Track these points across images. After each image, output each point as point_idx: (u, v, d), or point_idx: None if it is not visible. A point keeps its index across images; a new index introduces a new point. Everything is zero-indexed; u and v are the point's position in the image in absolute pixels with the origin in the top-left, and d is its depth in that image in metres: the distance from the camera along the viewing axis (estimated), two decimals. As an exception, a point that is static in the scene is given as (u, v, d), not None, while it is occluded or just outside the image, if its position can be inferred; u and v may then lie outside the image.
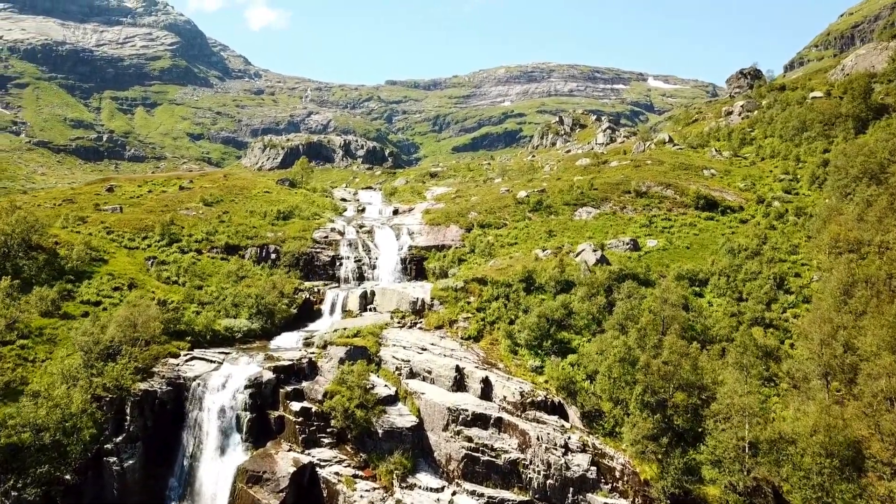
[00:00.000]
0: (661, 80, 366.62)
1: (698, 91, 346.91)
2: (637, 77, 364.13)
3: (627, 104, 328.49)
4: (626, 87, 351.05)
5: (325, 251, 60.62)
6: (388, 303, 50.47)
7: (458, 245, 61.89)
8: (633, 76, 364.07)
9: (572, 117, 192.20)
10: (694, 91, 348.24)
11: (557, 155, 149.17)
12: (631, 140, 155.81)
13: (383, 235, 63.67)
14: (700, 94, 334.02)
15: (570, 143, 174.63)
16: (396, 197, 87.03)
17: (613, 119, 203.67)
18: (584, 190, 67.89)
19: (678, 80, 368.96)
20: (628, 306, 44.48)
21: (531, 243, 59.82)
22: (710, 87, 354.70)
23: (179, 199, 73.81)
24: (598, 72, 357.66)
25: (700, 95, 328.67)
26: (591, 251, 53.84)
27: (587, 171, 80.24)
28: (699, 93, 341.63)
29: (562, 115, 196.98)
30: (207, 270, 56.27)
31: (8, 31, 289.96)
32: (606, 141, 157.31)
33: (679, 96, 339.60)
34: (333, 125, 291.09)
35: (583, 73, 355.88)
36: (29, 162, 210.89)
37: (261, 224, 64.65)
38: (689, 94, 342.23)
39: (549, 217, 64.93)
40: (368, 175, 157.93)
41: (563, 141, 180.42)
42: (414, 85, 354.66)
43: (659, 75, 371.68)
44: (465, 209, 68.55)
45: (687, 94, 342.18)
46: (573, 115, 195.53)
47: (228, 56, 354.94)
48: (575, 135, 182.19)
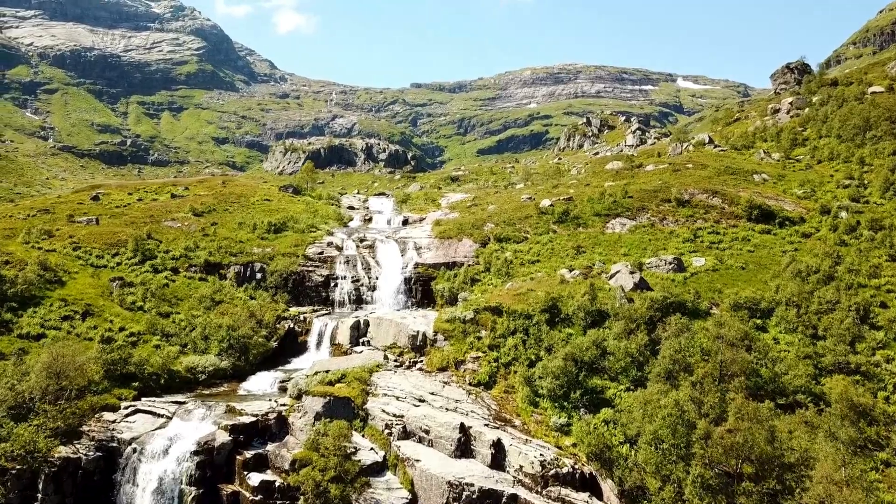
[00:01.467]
0: (691, 80, 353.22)
1: (729, 91, 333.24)
2: (666, 77, 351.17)
3: (656, 105, 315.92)
4: (654, 87, 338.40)
5: (318, 270, 51.75)
6: (383, 336, 41.39)
7: (471, 262, 52.63)
8: (662, 77, 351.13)
9: (600, 118, 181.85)
10: (724, 91, 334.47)
11: (585, 157, 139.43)
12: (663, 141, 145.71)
13: (386, 251, 54.62)
14: (731, 95, 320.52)
15: (598, 144, 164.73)
16: (409, 204, 77.99)
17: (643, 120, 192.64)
18: (618, 198, 58.17)
19: (708, 81, 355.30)
20: (676, 346, 34.82)
21: (556, 261, 50.34)
22: (741, 88, 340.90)
23: (168, 208, 65.61)
24: (625, 73, 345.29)
25: (731, 96, 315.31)
26: (628, 273, 44.20)
27: (619, 175, 70.42)
28: (730, 93, 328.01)
29: (589, 117, 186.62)
30: (180, 293, 47.69)
31: (38, 37, 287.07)
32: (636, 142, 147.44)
33: (709, 97, 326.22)
34: (358, 128, 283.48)
35: (610, 74, 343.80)
36: (52, 167, 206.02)
37: (248, 238, 56.01)
38: (719, 94, 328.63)
39: (577, 230, 55.35)
40: (388, 179, 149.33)
41: (590, 143, 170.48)
42: (439, 88, 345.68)
43: (688, 75, 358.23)
44: (480, 220, 59.24)
45: (717, 94, 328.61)
46: (601, 116, 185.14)
47: (254, 60, 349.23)
48: (603, 136, 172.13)
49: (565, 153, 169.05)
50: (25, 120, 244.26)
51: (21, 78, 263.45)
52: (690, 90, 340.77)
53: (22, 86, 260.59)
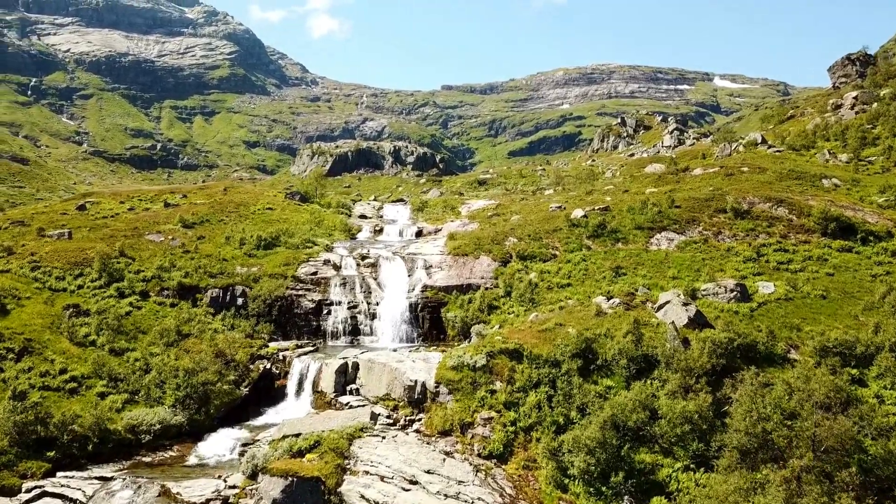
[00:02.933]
0: (728, 79, 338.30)
1: (768, 90, 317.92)
2: (702, 77, 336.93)
3: (692, 105, 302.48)
4: (690, 87, 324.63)
5: (309, 294, 43.31)
6: (375, 383, 32.74)
7: (489, 285, 43.75)
8: (698, 76, 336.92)
9: (635, 118, 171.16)
10: (763, 90, 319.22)
11: (620, 159, 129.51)
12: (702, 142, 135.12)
13: (391, 270, 45.95)
14: (770, 94, 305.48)
15: (634, 146, 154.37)
16: (425, 213, 69.30)
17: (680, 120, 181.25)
18: (663, 208, 48.67)
19: (746, 79, 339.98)
20: (754, 416, 25.57)
21: (590, 285, 41.17)
22: (780, 86, 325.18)
23: (157, 219, 57.96)
24: (660, 72, 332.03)
25: (770, 94, 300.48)
26: (680, 305, 34.88)
27: (662, 181, 60.80)
28: (769, 91, 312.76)
29: (624, 117, 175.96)
30: (144, 324, 39.66)
31: (75, 44, 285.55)
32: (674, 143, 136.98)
33: (747, 96, 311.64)
34: (388, 131, 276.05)
35: (644, 74, 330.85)
36: (82, 171, 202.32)
37: (234, 255, 47.84)
38: (758, 93, 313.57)
39: (616, 246, 46.04)
40: (413, 183, 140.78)
41: (625, 144, 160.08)
42: (470, 89, 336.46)
43: (725, 74, 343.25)
44: (501, 233, 50.23)
45: (756, 93, 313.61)
46: (636, 115, 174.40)
47: (286, 64, 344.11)
48: (639, 137, 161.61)
49: (599, 154, 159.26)
50: (61, 125, 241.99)
51: (58, 84, 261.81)
52: (728, 89, 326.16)
53: (58, 91, 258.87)
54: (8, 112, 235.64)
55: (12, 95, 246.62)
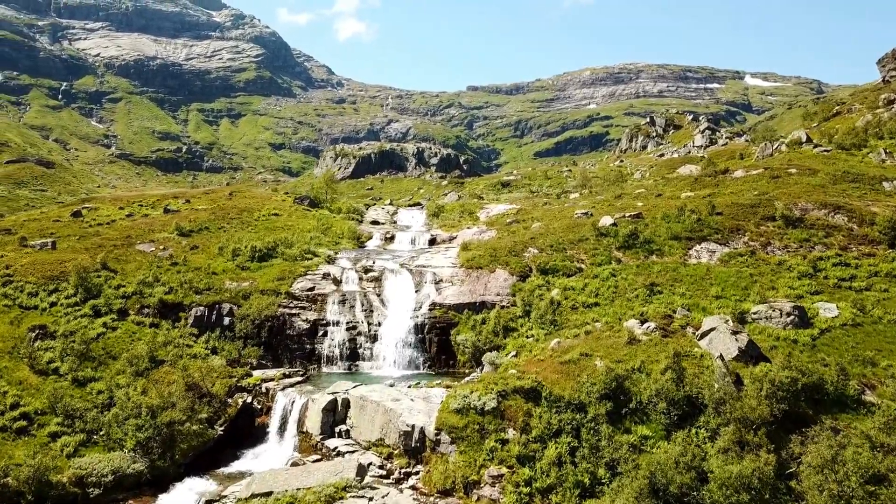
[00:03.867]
0: (760, 77, 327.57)
1: (801, 88, 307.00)
2: (733, 75, 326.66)
3: (722, 104, 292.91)
4: (720, 86, 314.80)
5: (304, 313, 38.30)
6: (367, 425, 27.57)
7: (505, 303, 38.35)
8: (729, 74, 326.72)
9: (665, 117, 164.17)
10: (796, 88, 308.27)
11: (649, 159, 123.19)
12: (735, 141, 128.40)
13: (396, 285, 40.74)
14: (803, 92, 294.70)
15: (663, 146, 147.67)
16: (441, 218, 63.96)
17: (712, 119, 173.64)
18: (702, 215, 42.77)
19: (778, 78, 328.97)
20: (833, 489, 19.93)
21: (621, 305, 35.54)
22: (814, 84, 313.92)
23: (152, 226, 53.57)
24: (689, 71, 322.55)
25: (803, 93, 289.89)
26: (728, 333, 29.15)
27: (699, 184, 54.73)
28: (802, 90, 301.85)
29: (653, 116, 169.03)
30: (117, 348, 34.96)
31: (105, 48, 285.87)
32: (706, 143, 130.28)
33: (780, 94, 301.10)
34: (413, 133, 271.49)
35: (673, 73, 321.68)
36: (108, 174, 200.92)
37: (225, 268, 43.03)
38: (790, 91, 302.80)
39: (650, 258, 40.30)
40: (435, 185, 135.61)
41: (654, 144, 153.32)
42: (496, 90, 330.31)
43: (757, 73, 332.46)
44: (521, 242, 44.71)
45: (788, 91, 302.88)
46: (666, 115, 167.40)
47: (312, 66, 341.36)
48: (668, 137, 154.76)
49: (627, 155, 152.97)
50: (90, 128, 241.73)
51: (88, 88, 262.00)
52: (759, 88, 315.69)
53: (88, 95, 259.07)
54: (39, 116, 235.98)
55: (44, 100, 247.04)
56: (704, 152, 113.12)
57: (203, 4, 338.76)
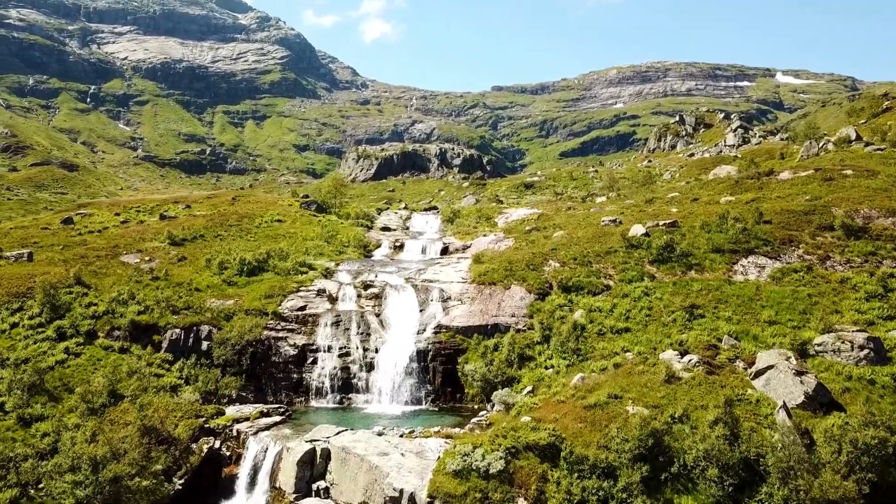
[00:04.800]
0: (792, 74, 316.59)
1: (835, 85, 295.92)
2: (764, 73, 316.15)
3: (753, 102, 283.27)
4: (751, 83, 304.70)
5: (291, 336, 33.43)
6: (349, 483, 22.57)
7: (521, 325, 33.07)
8: (760, 72, 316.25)
9: (695, 116, 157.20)
10: (830, 86, 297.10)
11: (679, 159, 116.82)
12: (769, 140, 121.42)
13: (399, 304, 35.65)
14: (837, 89, 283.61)
15: (693, 145, 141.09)
16: (456, 224, 58.71)
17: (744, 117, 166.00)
18: (748, 223, 37.01)
19: (811, 75, 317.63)
20: None
21: (656, 331, 30.05)
22: (848, 81, 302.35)
23: (144, 234, 49.24)
24: (719, 69, 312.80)
25: (837, 90, 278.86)
26: (791, 373, 23.58)
27: (740, 186, 48.79)
28: (836, 87, 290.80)
29: (682, 114, 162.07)
30: (76, 378, 30.38)
31: (133, 51, 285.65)
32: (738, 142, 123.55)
33: (812, 92, 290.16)
34: (437, 133, 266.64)
35: (702, 71, 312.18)
36: (132, 177, 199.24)
37: (211, 283, 38.34)
38: (823, 88, 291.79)
39: (688, 274, 34.69)
40: (456, 186, 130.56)
41: (684, 143, 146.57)
42: (521, 90, 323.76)
43: (789, 70, 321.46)
44: (540, 254, 39.33)
45: (822, 89, 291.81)
46: (696, 113, 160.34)
47: (336, 68, 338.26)
48: (698, 136, 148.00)
49: (655, 155, 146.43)
50: (117, 131, 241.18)
51: (115, 91, 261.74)
52: (791, 85, 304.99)
53: (116, 98, 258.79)
54: (68, 119, 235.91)
55: (73, 103, 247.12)
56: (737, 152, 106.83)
57: (229, 7, 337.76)
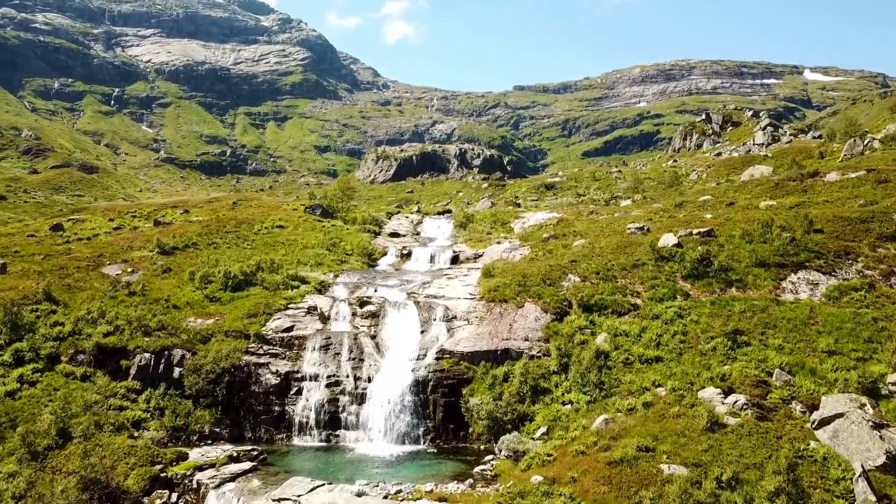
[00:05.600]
0: (820, 72, 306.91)
1: (864, 82, 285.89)
2: (791, 70, 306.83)
3: (780, 100, 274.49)
4: (778, 81, 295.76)
5: (274, 362, 29.27)
6: (320, 560, 18.41)
7: (535, 351, 28.57)
8: (787, 69, 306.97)
9: (722, 114, 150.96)
10: (859, 83, 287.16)
11: (706, 159, 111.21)
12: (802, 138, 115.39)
13: (398, 324, 31.31)
14: (867, 86, 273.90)
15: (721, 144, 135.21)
16: (469, 230, 54.26)
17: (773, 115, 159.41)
18: (796, 233, 32.09)
19: (839, 72, 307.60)
20: None
21: (692, 361, 25.36)
22: (878, 77, 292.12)
23: (132, 242, 45.53)
24: (745, 66, 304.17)
25: (867, 87, 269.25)
26: (867, 426, 18.82)
27: (781, 189, 43.71)
28: (866, 84, 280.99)
29: (709, 112, 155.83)
30: (27, 412, 26.39)
31: (156, 54, 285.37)
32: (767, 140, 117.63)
33: (842, 89, 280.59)
34: (458, 133, 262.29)
35: (728, 69, 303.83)
36: (153, 178, 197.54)
37: (191, 299, 34.33)
38: (853, 86, 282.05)
39: (728, 292, 29.88)
40: (475, 188, 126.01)
41: (710, 142, 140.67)
42: (542, 89, 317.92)
43: (817, 67, 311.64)
44: (558, 266, 34.71)
45: (851, 86, 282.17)
46: (723, 111, 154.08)
47: (358, 69, 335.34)
48: (726, 134, 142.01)
49: (681, 154, 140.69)
50: (140, 133, 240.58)
51: (139, 93, 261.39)
52: (819, 83, 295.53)
53: (139, 101, 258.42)
54: (92, 121, 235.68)
55: (97, 105, 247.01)
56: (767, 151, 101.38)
57: (252, 10, 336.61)
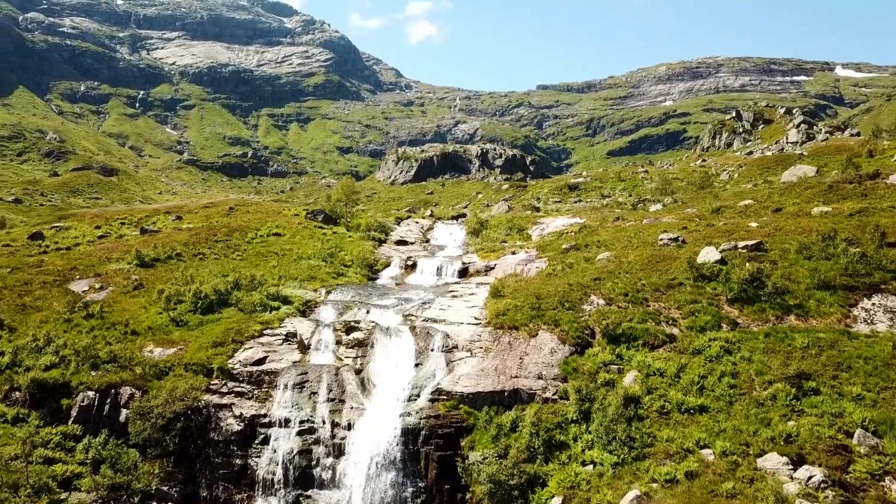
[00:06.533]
0: (852, 68, 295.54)
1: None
2: (822, 67, 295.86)
3: (810, 98, 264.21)
4: (808, 78, 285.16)
5: (239, 404, 24.37)
6: None
7: (550, 392, 23.25)
8: (818, 66, 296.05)
9: (753, 111, 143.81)
10: (893, 79, 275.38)
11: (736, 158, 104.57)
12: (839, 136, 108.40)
13: (389, 355, 26.18)
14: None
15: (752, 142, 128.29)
16: (483, 237, 48.84)
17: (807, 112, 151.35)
18: (867, 247, 26.36)
19: (872, 68, 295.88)
20: None
21: (746, 413, 19.88)
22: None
23: (113, 252, 41.08)
24: (774, 63, 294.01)
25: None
26: None
27: (836, 192, 37.77)
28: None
29: (739, 110, 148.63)
30: (-61, 465, 22.09)
31: (180, 57, 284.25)
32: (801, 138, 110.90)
33: (875, 85, 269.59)
34: (480, 133, 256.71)
35: (756, 66, 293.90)
36: (174, 180, 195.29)
37: (155, 323, 29.54)
38: (887, 82, 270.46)
39: (786, 320, 24.26)
40: (495, 190, 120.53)
41: (741, 140, 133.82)
42: (566, 88, 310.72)
43: (849, 63, 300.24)
44: (578, 285, 29.23)
45: (885, 82, 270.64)
46: (754, 108, 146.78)
47: (381, 69, 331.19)
48: (757, 132, 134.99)
49: (710, 153, 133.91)
50: (164, 135, 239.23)
51: (163, 95, 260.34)
52: (852, 79, 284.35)
53: (163, 103, 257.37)
54: (117, 124, 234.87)
55: (122, 108, 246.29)
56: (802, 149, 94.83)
57: (275, 11, 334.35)
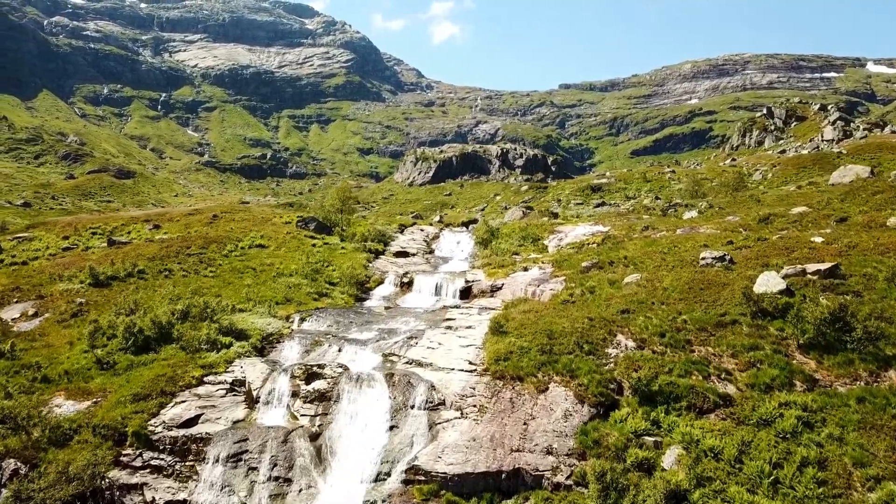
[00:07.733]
0: (884, 63, 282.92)
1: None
2: (853, 63, 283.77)
3: (841, 94, 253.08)
4: (838, 74, 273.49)
5: (151, 485, 18.33)
6: None
7: (563, 475, 17.01)
8: (848, 62, 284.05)
9: (785, 108, 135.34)
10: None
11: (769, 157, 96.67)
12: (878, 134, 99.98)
13: (356, 414, 20.00)
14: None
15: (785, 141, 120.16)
16: (492, 249, 42.70)
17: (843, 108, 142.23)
18: None
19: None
20: None
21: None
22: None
23: (66, 269, 35.58)
24: (803, 59, 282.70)
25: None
26: None
27: (915, 198, 30.90)
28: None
29: (770, 107, 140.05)
30: None
31: (202, 59, 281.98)
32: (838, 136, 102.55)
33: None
34: (501, 133, 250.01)
35: (784, 63, 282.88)
36: (192, 182, 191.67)
37: (75, 365, 23.67)
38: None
39: (885, 377, 17.71)
40: (514, 190, 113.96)
41: (773, 139, 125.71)
42: (589, 87, 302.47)
43: (881, 59, 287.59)
44: (601, 320, 22.82)
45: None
46: (786, 105, 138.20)
47: (402, 70, 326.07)
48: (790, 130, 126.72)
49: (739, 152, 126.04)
50: (185, 137, 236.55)
51: (185, 98, 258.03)
52: (884, 75, 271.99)
53: (185, 105, 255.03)
54: (139, 126, 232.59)
55: (144, 110, 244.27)
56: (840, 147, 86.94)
57: (296, 13, 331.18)
